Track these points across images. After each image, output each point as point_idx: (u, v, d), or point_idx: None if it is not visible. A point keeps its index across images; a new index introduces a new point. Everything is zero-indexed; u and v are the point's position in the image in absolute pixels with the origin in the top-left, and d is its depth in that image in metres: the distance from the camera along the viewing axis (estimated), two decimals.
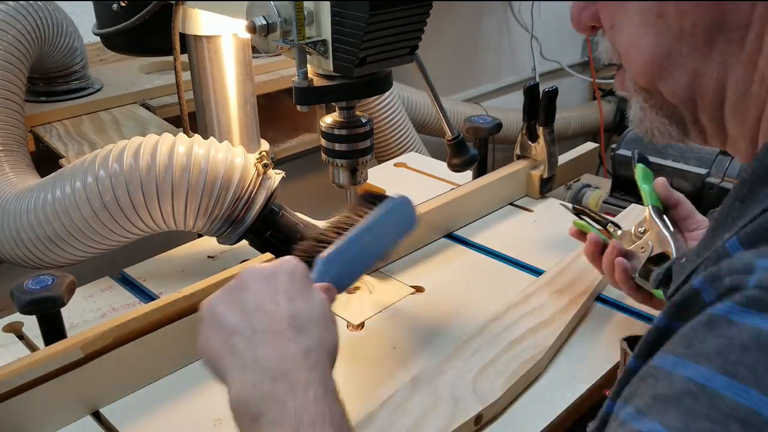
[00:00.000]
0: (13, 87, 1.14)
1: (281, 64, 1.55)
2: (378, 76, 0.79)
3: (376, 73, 0.79)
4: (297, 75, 0.75)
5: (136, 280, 1.01)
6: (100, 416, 0.77)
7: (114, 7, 1.08)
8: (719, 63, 0.49)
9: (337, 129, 0.85)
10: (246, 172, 0.93)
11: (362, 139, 0.85)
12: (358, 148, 0.86)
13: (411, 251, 1.05)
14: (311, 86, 0.77)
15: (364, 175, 0.90)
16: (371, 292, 0.97)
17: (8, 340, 0.88)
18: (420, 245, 1.07)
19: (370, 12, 0.69)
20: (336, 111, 0.85)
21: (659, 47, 0.50)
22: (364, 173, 0.89)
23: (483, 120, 1.21)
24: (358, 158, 0.86)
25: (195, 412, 0.77)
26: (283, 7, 0.74)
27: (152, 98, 1.44)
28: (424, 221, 1.02)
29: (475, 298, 0.95)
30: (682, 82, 0.51)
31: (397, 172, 1.39)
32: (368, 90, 0.81)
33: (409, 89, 2.03)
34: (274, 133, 1.61)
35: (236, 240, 0.96)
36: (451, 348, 0.80)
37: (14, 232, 0.93)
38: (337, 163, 0.86)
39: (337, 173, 0.88)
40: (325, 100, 0.80)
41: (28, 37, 1.17)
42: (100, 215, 0.89)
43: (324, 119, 0.86)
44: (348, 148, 0.85)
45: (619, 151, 1.35)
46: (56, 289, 0.75)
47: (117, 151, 0.89)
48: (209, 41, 1.05)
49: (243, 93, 1.11)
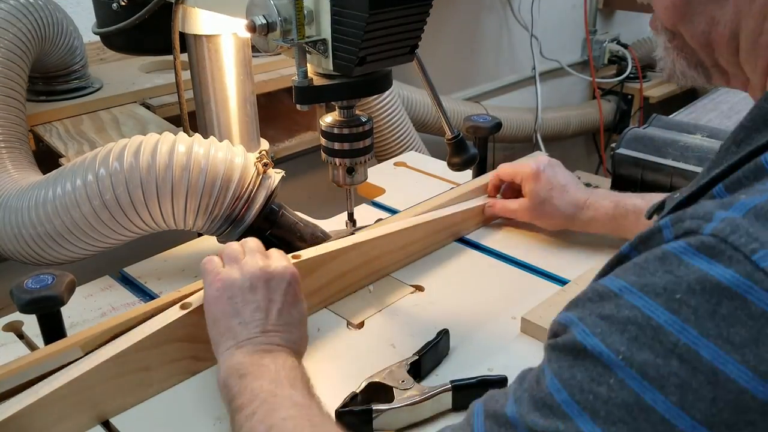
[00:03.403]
0: (14, 85, 1.14)
1: (281, 63, 1.55)
2: (378, 75, 0.80)
3: (375, 72, 0.79)
4: (297, 74, 0.76)
5: (136, 280, 1.01)
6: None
7: (114, 7, 1.08)
8: (732, 14, 0.52)
9: (336, 128, 0.85)
10: (246, 172, 0.93)
11: (362, 138, 0.85)
12: (358, 147, 0.86)
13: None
14: (311, 85, 0.77)
15: (364, 175, 0.90)
16: (371, 292, 0.97)
17: (8, 339, 0.88)
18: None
19: (370, 11, 0.69)
20: (336, 110, 0.85)
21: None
22: (363, 172, 0.89)
23: (483, 119, 1.21)
24: (357, 157, 0.86)
25: (195, 410, 0.77)
26: (282, 7, 0.74)
27: (152, 97, 1.43)
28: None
29: (475, 298, 0.95)
30: (700, 28, 0.54)
31: (397, 171, 1.39)
32: (368, 89, 0.81)
33: (409, 88, 2.03)
34: (274, 132, 1.61)
35: (236, 239, 0.96)
36: None
37: (15, 229, 0.93)
38: (336, 162, 0.86)
39: (336, 172, 0.88)
40: (325, 99, 0.80)
41: (29, 36, 1.17)
42: (100, 213, 0.89)
43: (324, 118, 0.86)
44: (347, 147, 0.85)
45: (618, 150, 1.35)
46: (56, 289, 0.75)
47: (118, 149, 0.89)
48: (209, 40, 1.05)
49: (243, 92, 1.11)
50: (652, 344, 0.37)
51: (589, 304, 0.41)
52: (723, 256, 0.37)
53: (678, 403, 0.36)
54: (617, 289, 0.40)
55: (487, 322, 0.90)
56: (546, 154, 1.19)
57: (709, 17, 0.53)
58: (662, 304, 0.37)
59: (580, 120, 2.73)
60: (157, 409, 0.77)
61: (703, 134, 1.36)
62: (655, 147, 1.32)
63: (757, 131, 0.46)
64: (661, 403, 0.36)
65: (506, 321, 0.89)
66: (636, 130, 1.39)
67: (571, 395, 0.39)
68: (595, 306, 0.41)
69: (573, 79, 2.80)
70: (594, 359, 0.39)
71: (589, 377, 0.39)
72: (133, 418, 0.76)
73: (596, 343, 0.39)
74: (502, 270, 1.02)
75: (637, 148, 1.34)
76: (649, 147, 1.33)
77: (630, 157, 1.34)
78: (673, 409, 0.36)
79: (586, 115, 2.75)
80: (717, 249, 0.37)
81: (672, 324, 0.37)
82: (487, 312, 0.92)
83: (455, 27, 2.33)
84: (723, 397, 0.35)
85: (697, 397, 0.35)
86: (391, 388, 0.74)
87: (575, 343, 0.40)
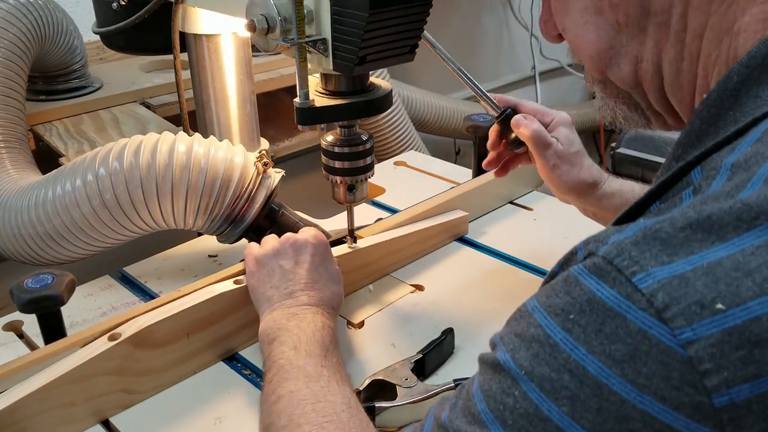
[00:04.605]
0: (14, 84, 1.14)
1: (281, 62, 1.55)
2: (378, 95, 0.80)
3: (376, 92, 0.80)
4: (298, 95, 0.75)
5: (136, 279, 1.01)
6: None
7: (114, 6, 1.08)
8: (653, 47, 0.54)
9: (337, 146, 0.84)
10: (246, 171, 0.93)
11: (362, 156, 0.85)
12: (358, 166, 0.85)
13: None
14: (312, 107, 0.77)
15: (364, 192, 0.89)
16: (371, 291, 0.97)
17: (8, 339, 0.89)
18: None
19: (370, 11, 0.69)
20: (337, 128, 0.85)
21: (601, 41, 0.56)
22: (363, 190, 0.89)
23: (483, 118, 1.20)
24: (357, 175, 0.86)
25: (195, 410, 0.77)
26: (282, 6, 0.74)
27: (152, 97, 1.43)
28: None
29: (475, 297, 0.95)
30: (627, 69, 0.56)
31: (397, 170, 1.39)
32: (368, 110, 0.81)
33: (409, 88, 2.03)
34: (274, 132, 1.61)
35: (236, 238, 0.96)
36: None
37: (15, 229, 0.93)
38: (337, 180, 0.86)
39: (336, 190, 0.88)
40: (326, 120, 0.81)
41: (29, 35, 1.17)
42: (100, 213, 0.89)
43: (325, 137, 0.85)
44: (348, 165, 0.85)
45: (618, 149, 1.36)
46: (56, 288, 0.75)
47: (117, 149, 0.89)
48: (209, 40, 1.05)
49: (243, 91, 1.11)
50: (549, 360, 0.40)
51: (513, 322, 0.45)
52: (608, 278, 0.39)
53: (569, 413, 0.39)
54: (531, 308, 0.44)
55: (487, 321, 0.90)
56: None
57: (632, 57, 0.55)
58: (559, 324, 0.41)
59: (580, 119, 2.73)
60: (157, 408, 0.77)
61: None
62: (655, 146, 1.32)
63: (692, 146, 0.48)
64: (555, 413, 0.39)
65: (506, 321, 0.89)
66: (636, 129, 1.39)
67: (488, 405, 0.43)
68: (515, 324, 0.45)
69: (573, 78, 2.80)
70: (506, 373, 0.42)
71: (501, 389, 0.42)
72: (133, 417, 0.76)
73: (507, 358, 0.43)
74: (502, 270, 1.02)
75: (637, 148, 1.35)
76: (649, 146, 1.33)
77: (630, 156, 1.34)
78: (566, 418, 0.39)
79: (586, 115, 2.75)
80: (604, 270, 0.40)
81: (566, 342, 0.40)
82: (487, 311, 0.92)
83: (455, 27, 2.33)
84: (607, 408, 0.38)
85: (584, 408, 0.39)
86: (394, 386, 0.74)
87: (494, 357, 0.44)
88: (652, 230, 0.40)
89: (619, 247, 0.40)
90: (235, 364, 0.84)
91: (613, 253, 0.40)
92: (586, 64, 0.59)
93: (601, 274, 0.40)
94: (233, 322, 0.84)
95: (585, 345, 0.39)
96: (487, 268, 1.02)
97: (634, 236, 0.40)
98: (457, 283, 0.99)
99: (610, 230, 0.42)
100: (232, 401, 0.78)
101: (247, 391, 0.80)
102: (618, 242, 0.40)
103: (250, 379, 0.81)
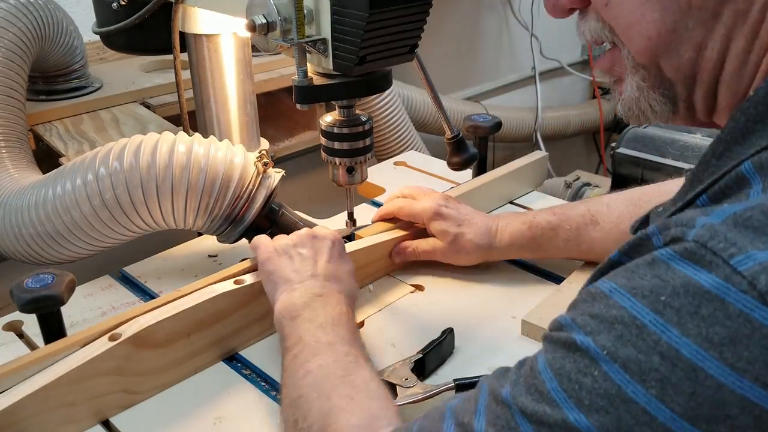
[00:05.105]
0: (14, 84, 1.14)
1: (281, 62, 1.55)
2: (377, 75, 0.79)
3: (375, 71, 0.79)
4: (297, 74, 0.76)
5: (136, 279, 1.01)
6: None
7: (114, 6, 1.08)
8: (723, 35, 0.49)
9: (336, 127, 0.85)
10: (246, 171, 0.93)
11: (361, 137, 0.85)
12: (357, 147, 0.86)
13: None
14: (311, 85, 0.77)
15: (364, 174, 0.90)
16: (371, 291, 0.97)
17: (8, 339, 0.88)
18: None
19: (370, 11, 0.69)
20: (336, 110, 0.85)
21: (665, 23, 0.50)
22: (363, 172, 0.89)
23: (483, 118, 1.21)
24: (357, 157, 0.86)
25: (195, 410, 0.77)
26: (282, 6, 0.74)
27: (152, 97, 1.43)
28: None
29: (475, 297, 0.95)
30: (686, 56, 0.51)
31: (397, 170, 1.39)
32: (368, 89, 0.81)
33: (409, 87, 2.03)
34: (274, 132, 1.61)
35: (236, 238, 0.96)
36: None
37: (15, 228, 0.93)
38: (336, 161, 0.86)
39: (336, 172, 0.88)
40: (325, 98, 0.80)
41: (29, 35, 1.17)
42: (100, 213, 0.89)
43: (324, 118, 0.86)
44: (347, 146, 0.85)
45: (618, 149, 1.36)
46: (56, 288, 0.75)
47: (118, 149, 0.89)
48: (209, 40, 1.05)
49: (243, 92, 1.11)
50: (635, 342, 0.40)
51: (582, 304, 0.44)
52: (704, 261, 0.39)
53: (658, 396, 0.38)
54: (607, 290, 0.43)
55: (487, 321, 0.90)
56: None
57: (695, 43, 0.50)
58: (648, 306, 0.40)
59: (580, 119, 2.73)
60: (157, 408, 0.77)
61: (703, 133, 1.36)
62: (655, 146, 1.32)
63: (736, 143, 0.47)
64: (642, 395, 0.39)
65: (506, 320, 0.89)
66: (636, 129, 1.39)
67: (560, 384, 0.42)
68: (586, 306, 0.44)
69: (573, 78, 2.80)
70: (582, 353, 0.42)
71: (577, 368, 0.42)
72: (133, 417, 0.76)
73: (585, 338, 0.42)
74: (502, 269, 1.02)
75: (637, 148, 1.35)
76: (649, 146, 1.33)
77: (630, 156, 1.34)
78: (653, 401, 0.38)
79: (586, 115, 2.75)
80: (698, 254, 0.39)
81: (655, 324, 0.39)
82: (487, 311, 0.92)
83: (455, 27, 2.33)
84: (702, 392, 0.37)
85: (676, 391, 0.38)
86: (394, 386, 0.75)
87: (567, 338, 0.43)
88: (742, 217, 0.39)
89: (712, 230, 0.39)
90: (236, 364, 0.84)
91: (706, 236, 0.39)
92: (637, 46, 0.52)
93: (696, 259, 0.39)
94: (233, 322, 0.84)
95: (678, 327, 0.38)
96: (487, 268, 1.02)
97: (725, 221, 0.39)
98: (456, 283, 0.99)
99: (691, 213, 0.42)
100: (233, 401, 0.78)
101: (248, 391, 0.80)
102: (709, 225, 0.39)
103: (251, 379, 0.81)
